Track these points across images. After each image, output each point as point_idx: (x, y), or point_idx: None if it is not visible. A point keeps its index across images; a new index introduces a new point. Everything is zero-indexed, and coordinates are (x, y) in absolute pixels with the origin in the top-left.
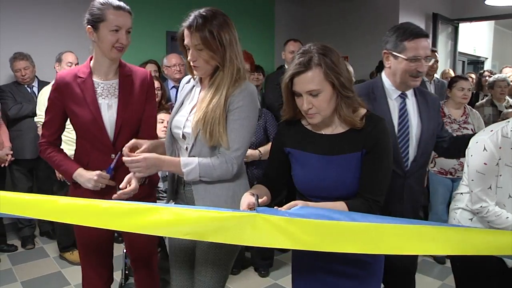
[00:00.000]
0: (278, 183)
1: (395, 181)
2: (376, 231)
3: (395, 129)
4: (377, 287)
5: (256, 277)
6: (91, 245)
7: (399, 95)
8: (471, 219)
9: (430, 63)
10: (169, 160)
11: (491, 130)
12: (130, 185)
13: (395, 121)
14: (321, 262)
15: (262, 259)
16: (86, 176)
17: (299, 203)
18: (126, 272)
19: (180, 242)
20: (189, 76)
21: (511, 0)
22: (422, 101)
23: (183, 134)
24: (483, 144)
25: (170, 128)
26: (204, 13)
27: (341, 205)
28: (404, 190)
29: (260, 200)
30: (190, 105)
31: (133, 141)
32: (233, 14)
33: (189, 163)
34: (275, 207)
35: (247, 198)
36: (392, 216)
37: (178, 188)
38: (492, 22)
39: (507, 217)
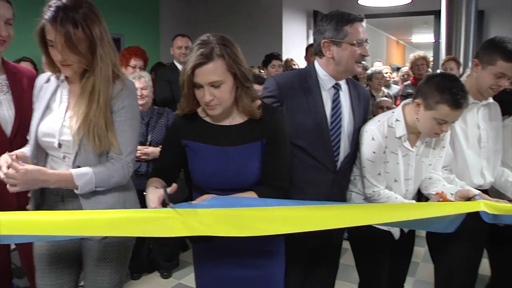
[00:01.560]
0: (171, 176)
1: (325, 177)
2: (291, 212)
3: (327, 122)
4: (281, 274)
5: (158, 279)
6: None
7: (333, 86)
8: (364, 200)
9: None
10: (56, 174)
11: (379, 121)
12: None
13: (328, 113)
14: (222, 255)
15: (165, 261)
16: None
17: (210, 195)
18: None
19: (58, 246)
20: (46, 75)
21: (380, 2)
22: (355, 94)
23: (59, 143)
24: (371, 134)
25: (36, 137)
26: (68, 3)
27: (251, 194)
28: (333, 186)
29: (168, 190)
30: (61, 108)
31: (21, 150)
32: (115, 10)
33: (83, 175)
34: (189, 202)
35: (156, 193)
36: None
37: (50, 202)
38: (364, 20)
39: (396, 197)
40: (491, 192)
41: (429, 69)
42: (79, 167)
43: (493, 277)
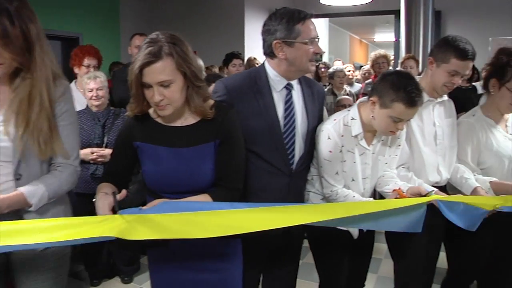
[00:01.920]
0: (123, 180)
1: (280, 181)
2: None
3: (280, 125)
4: (239, 276)
5: (119, 285)
6: None
7: (284, 87)
8: (323, 199)
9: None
10: (6, 199)
11: (335, 119)
12: None
13: (280, 115)
14: (178, 259)
15: (126, 265)
16: None
17: (162, 200)
18: None
19: None
20: None
21: (342, 1)
22: (308, 92)
23: None
24: (327, 133)
25: None
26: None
27: (205, 197)
28: (290, 190)
29: (118, 196)
30: None
31: None
32: (72, 7)
33: (34, 191)
34: (139, 208)
35: (105, 199)
36: None
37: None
38: (327, 19)
39: (354, 196)
40: (449, 189)
41: (390, 67)
42: (21, 175)
43: (450, 271)
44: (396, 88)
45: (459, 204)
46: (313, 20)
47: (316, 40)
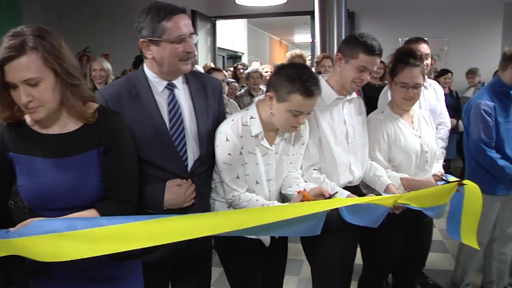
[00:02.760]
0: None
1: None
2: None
3: (167, 127)
4: (140, 285)
5: None
6: None
7: (165, 87)
8: (229, 208)
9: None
10: None
11: (232, 120)
12: None
13: (166, 118)
14: (63, 286)
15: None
16: None
17: (35, 219)
18: None
19: None
20: None
21: (258, 2)
22: (197, 87)
23: None
24: (225, 134)
25: None
26: None
27: (91, 212)
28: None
29: None
30: None
31: None
32: None
33: None
34: (7, 230)
35: None
36: None
37: None
38: (246, 20)
39: (257, 200)
40: (362, 187)
41: None
42: None
43: (365, 267)
44: (291, 79)
45: (359, 205)
46: (230, 21)
47: (188, 37)
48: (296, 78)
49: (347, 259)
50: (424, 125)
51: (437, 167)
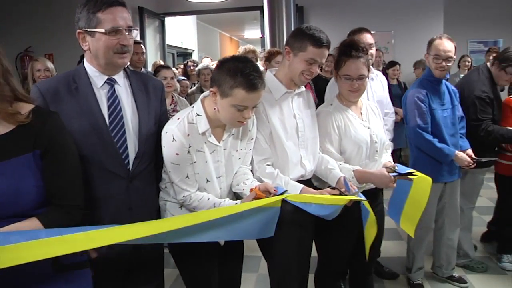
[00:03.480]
0: None
1: (118, 185)
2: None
3: (106, 122)
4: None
5: None
6: None
7: (105, 82)
8: (181, 208)
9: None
10: None
11: (178, 118)
12: None
13: (105, 113)
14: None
15: None
16: None
17: None
18: None
19: None
20: None
21: None
22: (138, 85)
23: None
24: (171, 134)
25: None
26: None
27: (32, 222)
28: (131, 194)
29: None
30: None
31: None
32: None
33: None
34: None
35: None
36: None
37: None
38: (195, 17)
39: (208, 199)
40: (314, 180)
41: (258, 63)
42: None
43: (320, 260)
44: (233, 73)
45: (310, 205)
46: (179, 17)
47: (125, 30)
48: (238, 72)
49: (303, 253)
50: (373, 116)
51: (386, 157)
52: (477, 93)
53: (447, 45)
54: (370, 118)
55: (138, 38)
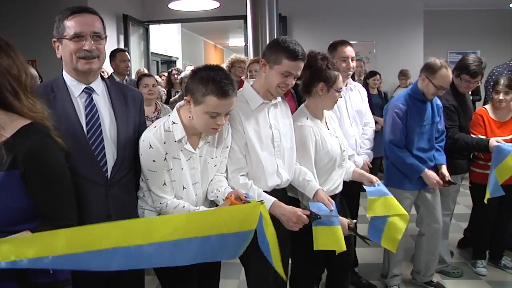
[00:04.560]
0: None
1: (96, 193)
2: None
3: (84, 130)
4: None
5: None
6: None
7: (83, 91)
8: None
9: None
10: None
11: (155, 127)
12: None
13: (83, 122)
14: None
15: None
16: None
17: None
18: None
19: None
20: None
21: (190, 6)
22: (117, 95)
23: None
24: (148, 142)
25: None
26: None
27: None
28: (110, 202)
29: None
30: None
31: None
32: None
33: None
34: None
35: None
36: None
37: None
38: (179, 25)
39: (184, 206)
40: (288, 190)
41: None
42: None
43: (294, 265)
44: (205, 81)
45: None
46: (164, 25)
47: (91, 36)
48: (209, 80)
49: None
50: (334, 123)
51: (349, 162)
52: (442, 102)
53: (451, 76)
54: (334, 127)
55: (122, 46)
